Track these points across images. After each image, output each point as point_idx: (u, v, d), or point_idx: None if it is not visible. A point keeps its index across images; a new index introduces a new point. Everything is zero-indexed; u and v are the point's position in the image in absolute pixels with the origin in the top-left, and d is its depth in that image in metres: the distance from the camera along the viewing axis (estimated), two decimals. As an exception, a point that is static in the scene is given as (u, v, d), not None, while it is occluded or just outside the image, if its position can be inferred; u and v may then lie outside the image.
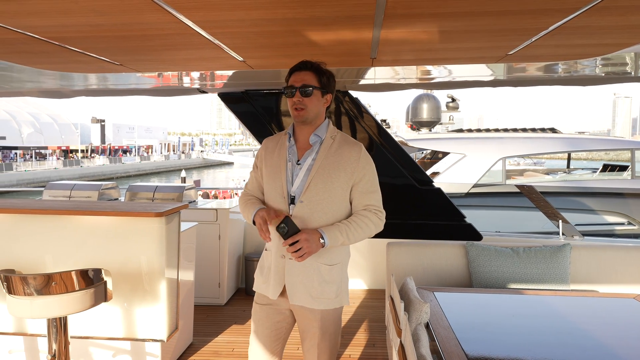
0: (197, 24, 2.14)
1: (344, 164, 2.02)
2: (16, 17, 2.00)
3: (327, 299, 2.03)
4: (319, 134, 2.07)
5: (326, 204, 1.99)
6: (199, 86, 4.57)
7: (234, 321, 4.23)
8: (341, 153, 2.04)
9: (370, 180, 2.07)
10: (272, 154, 2.10)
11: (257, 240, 5.33)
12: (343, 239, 1.96)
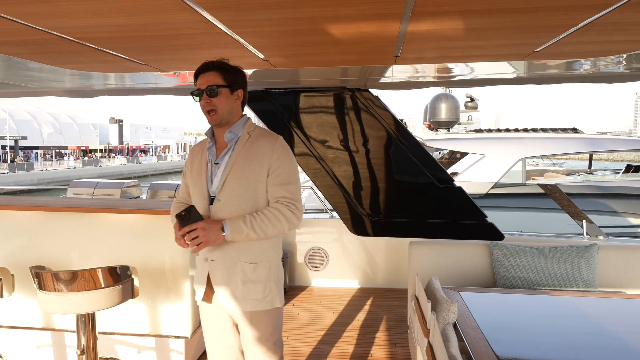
0: (224, 23, 2.15)
1: (258, 157, 1.97)
2: (49, 18, 2.04)
3: (254, 300, 1.95)
4: (234, 131, 2.03)
5: (243, 200, 1.95)
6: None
7: (255, 319, 4.26)
8: (255, 147, 1.99)
9: (284, 172, 1.98)
10: (195, 159, 2.11)
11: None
12: (247, 231, 1.88)
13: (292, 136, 4.78)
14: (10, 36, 2.34)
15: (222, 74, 1.99)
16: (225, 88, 1.99)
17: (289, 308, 4.56)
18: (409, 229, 4.89)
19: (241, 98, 2.07)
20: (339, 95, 4.64)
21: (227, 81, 2.00)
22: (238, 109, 2.07)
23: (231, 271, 1.95)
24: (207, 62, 2.02)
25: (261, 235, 1.90)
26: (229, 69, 2.02)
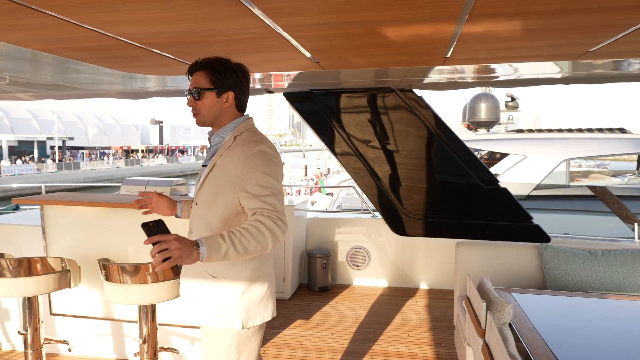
0: (283, 28, 2.23)
1: (230, 166, 1.79)
2: (121, 25, 2.17)
3: (209, 314, 1.79)
4: (220, 135, 1.92)
5: (212, 207, 1.80)
6: (266, 86, 4.71)
7: (300, 315, 4.34)
8: (232, 153, 1.81)
9: (258, 183, 1.73)
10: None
11: (319, 237, 5.43)
12: (227, 247, 1.59)
13: (335, 136, 4.84)
14: (82, 42, 2.50)
15: (210, 75, 1.85)
16: (210, 91, 1.85)
17: (332, 306, 4.62)
18: (452, 230, 4.86)
19: (231, 101, 1.89)
20: (383, 96, 4.66)
21: (214, 83, 1.85)
22: (228, 111, 1.90)
23: (194, 278, 1.84)
24: (197, 61, 1.89)
25: (242, 252, 1.61)
26: (219, 68, 1.85)
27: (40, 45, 2.52)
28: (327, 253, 5.12)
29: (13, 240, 3.57)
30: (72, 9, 1.86)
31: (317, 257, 5.04)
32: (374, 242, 5.34)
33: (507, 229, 4.69)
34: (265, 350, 3.62)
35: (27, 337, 2.75)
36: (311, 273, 5.10)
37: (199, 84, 1.87)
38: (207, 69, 1.87)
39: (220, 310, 1.78)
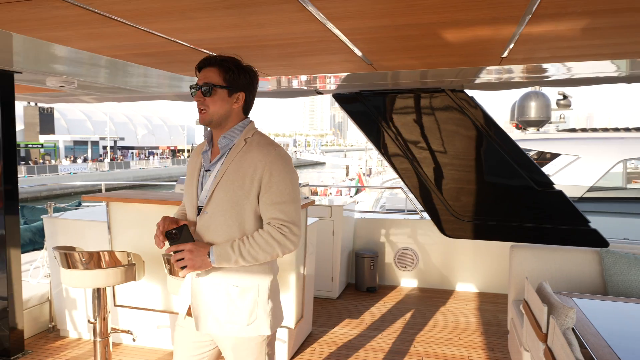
0: (342, 31, 2.28)
1: (249, 170, 1.71)
2: (187, 32, 2.28)
3: (237, 325, 1.74)
4: (229, 137, 1.78)
5: (229, 216, 1.72)
6: (316, 88, 4.78)
7: (348, 315, 4.38)
8: (249, 157, 1.72)
9: (278, 189, 1.70)
10: (193, 161, 1.89)
11: (366, 237, 5.45)
12: (236, 257, 1.66)
13: (383, 136, 4.85)
14: (149, 49, 2.64)
15: (223, 73, 1.73)
16: (222, 89, 1.73)
17: (380, 306, 4.63)
18: (502, 233, 4.77)
19: (241, 102, 1.78)
20: (433, 96, 4.63)
21: (227, 81, 1.73)
22: (236, 112, 1.79)
23: (217, 292, 1.75)
24: (210, 56, 1.78)
25: (251, 261, 1.68)
26: (233, 67, 1.75)
27: (111, 51, 2.68)
28: (374, 253, 5.13)
29: (79, 234, 3.79)
30: (148, 17, 1.98)
31: (364, 257, 5.06)
32: (422, 244, 5.31)
33: (562, 232, 4.55)
34: (316, 348, 3.68)
35: (96, 326, 2.92)
36: (359, 273, 5.13)
37: (210, 80, 1.72)
38: (221, 67, 1.74)
39: (249, 319, 1.74)
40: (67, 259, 2.78)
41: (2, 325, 3.49)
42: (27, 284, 3.91)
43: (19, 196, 3.61)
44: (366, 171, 31.77)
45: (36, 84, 3.91)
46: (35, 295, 3.90)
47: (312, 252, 3.90)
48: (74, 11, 1.88)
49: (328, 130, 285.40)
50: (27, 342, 3.71)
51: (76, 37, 2.32)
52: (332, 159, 65.07)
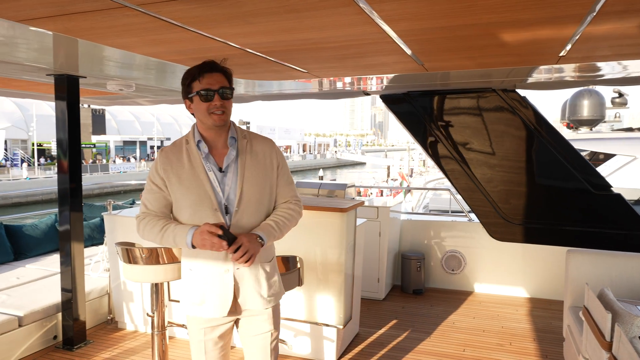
0: (397, 33, 2.28)
1: (266, 160, 1.94)
2: (245, 36, 2.34)
3: (276, 294, 2.00)
4: (234, 136, 1.92)
5: (259, 206, 1.91)
6: (364, 89, 4.78)
7: (395, 316, 4.36)
8: (258, 150, 1.95)
9: (287, 171, 2.03)
10: (180, 166, 1.87)
11: (412, 239, 5.40)
12: (276, 234, 1.91)
13: (431, 137, 4.79)
14: (207, 53, 2.72)
15: (228, 78, 1.87)
16: (233, 92, 1.89)
17: (428, 309, 4.59)
18: (556, 237, 4.61)
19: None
20: (483, 96, 4.54)
21: (231, 85, 1.89)
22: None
23: (257, 274, 1.91)
24: (215, 62, 1.85)
25: (283, 235, 1.95)
26: (230, 73, 1.90)
27: (172, 56, 2.79)
28: (421, 255, 5.08)
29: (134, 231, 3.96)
30: (211, 23, 2.06)
31: (411, 259, 5.02)
32: (470, 247, 5.21)
33: (620, 237, 4.36)
34: (362, 349, 3.69)
35: (154, 319, 3.04)
36: (405, 275, 5.09)
37: (225, 84, 1.83)
38: (224, 73, 1.86)
39: (280, 287, 2.03)
40: (128, 255, 2.92)
41: (66, 315, 3.69)
42: (88, 278, 4.11)
43: (82, 193, 3.81)
44: (408, 171, 31.41)
45: (98, 88, 4.11)
46: (95, 288, 4.10)
47: (360, 252, 3.91)
48: (142, 19, 1.98)
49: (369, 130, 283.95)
50: (88, 332, 3.90)
51: (141, 43, 2.43)
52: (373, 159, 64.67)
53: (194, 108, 1.88)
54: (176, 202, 1.89)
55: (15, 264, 4.73)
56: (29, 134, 38.02)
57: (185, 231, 1.80)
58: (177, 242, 1.82)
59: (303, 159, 65.16)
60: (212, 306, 1.89)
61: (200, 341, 1.96)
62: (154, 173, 1.90)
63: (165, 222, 1.87)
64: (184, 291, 1.96)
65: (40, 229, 5.17)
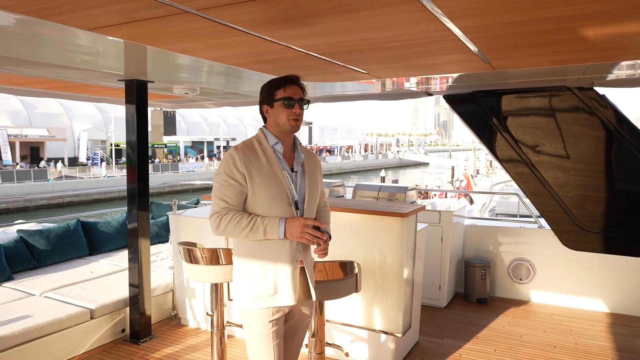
0: (462, 30, 2.16)
1: (318, 167, 2.24)
2: (304, 38, 2.31)
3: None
4: (297, 143, 2.20)
5: (316, 205, 2.19)
6: (427, 89, 4.63)
7: (457, 326, 4.18)
8: (313, 160, 2.24)
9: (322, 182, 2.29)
10: (259, 164, 2.02)
11: (477, 245, 5.17)
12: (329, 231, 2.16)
13: (497, 138, 4.56)
14: (267, 56, 2.73)
15: (304, 92, 2.11)
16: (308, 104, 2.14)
17: (492, 320, 4.36)
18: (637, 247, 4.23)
19: None
20: (556, 95, 4.24)
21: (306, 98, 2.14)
22: None
23: (311, 266, 2.17)
24: (297, 76, 2.11)
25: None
26: (305, 89, 2.15)
27: (233, 60, 2.82)
28: (486, 263, 4.84)
29: (199, 231, 4.07)
30: (269, 26, 2.04)
31: (475, 266, 4.80)
32: (541, 255, 4.89)
33: None
34: (423, 358, 3.56)
35: (214, 318, 3.10)
36: (468, 282, 4.88)
37: (302, 96, 2.09)
38: (303, 88, 2.10)
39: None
40: (189, 254, 2.99)
41: (133, 310, 3.86)
42: (153, 274, 4.28)
43: (149, 192, 3.97)
44: (473, 173, 30.33)
45: (165, 92, 4.27)
46: (160, 285, 4.26)
47: (420, 258, 3.78)
48: (203, 24, 2.00)
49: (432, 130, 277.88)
50: (153, 327, 4.06)
51: (203, 47, 2.47)
52: (436, 160, 63.14)
53: (272, 113, 2.09)
54: (253, 197, 2.01)
55: (90, 259, 5.03)
56: (107, 134, 40.68)
57: (277, 222, 1.97)
58: (267, 233, 1.97)
59: (365, 159, 64.85)
60: (285, 295, 2.03)
61: (267, 335, 2.03)
62: (233, 169, 2.00)
63: (249, 215, 2.00)
64: (251, 286, 2.04)
65: (112, 225, 5.47)
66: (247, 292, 2.05)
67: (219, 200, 2.00)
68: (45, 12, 1.83)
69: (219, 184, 2.01)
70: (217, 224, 1.98)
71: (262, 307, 2.02)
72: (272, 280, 2.02)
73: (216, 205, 2.01)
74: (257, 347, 2.06)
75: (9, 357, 3.11)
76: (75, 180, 29.21)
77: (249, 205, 2.03)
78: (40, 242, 4.72)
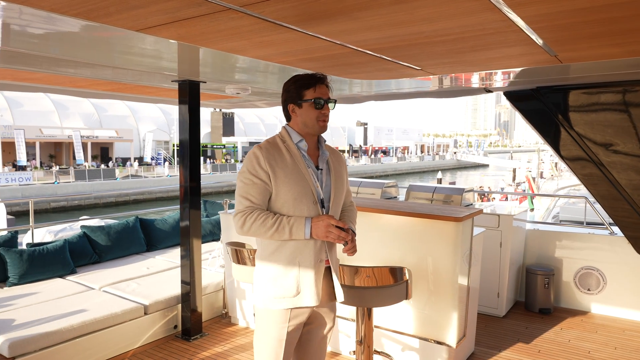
0: (525, 19, 1.98)
1: (343, 166, 2.19)
2: (352, 33, 2.22)
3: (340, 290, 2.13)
4: (321, 141, 2.14)
5: (342, 203, 2.15)
6: (485, 86, 4.39)
7: (517, 337, 3.92)
8: (337, 157, 2.20)
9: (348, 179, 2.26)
10: (283, 162, 1.98)
11: (539, 251, 4.85)
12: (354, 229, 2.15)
13: (564, 137, 4.24)
14: (315, 53, 2.66)
15: (331, 92, 2.09)
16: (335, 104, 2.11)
17: (557, 332, 4.06)
18: None
19: None
20: (633, 90, 3.88)
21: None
22: None
23: (336, 267, 2.11)
24: (323, 75, 2.07)
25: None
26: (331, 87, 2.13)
27: (281, 58, 2.77)
28: (550, 271, 4.52)
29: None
30: (314, 21, 1.97)
31: (537, 273, 4.50)
32: (612, 264, 4.51)
33: None
34: (478, 370, 3.37)
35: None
36: (530, 291, 4.58)
37: (329, 95, 2.07)
38: (329, 85, 2.09)
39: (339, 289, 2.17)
40: (237, 255, 2.98)
41: (185, 307, 3.92)
42: (205, 272, 4.34)
43: (201, 191, 4.02)
44: (537, 175, 28.88)
45: (217, 92, 4.32)
46: (212, 283, 4.31)
47: (477, 264, 3.58)
48: (247, 21, 1.96)
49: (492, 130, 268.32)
50: (204, 325, 4.11)
51: (250, 46, 2.44)
52: (497, 161, 60.85)
53: (300, 113, 2.04)
54: (277, 195, 1.97)
55: (147, 255, 5.19)
56: (170, 135, 42.45)
57: (303, 222, 1.92)
58: (292, 233, 1.91)
59: (421, 160, 63.61)
60: (308, 295, 1.97)
61: (280, 340, 1.98)
62: (257, 168, 1.96)
63: (274, 215, 1.94)
64: (272, 287, 1.99)
65: (169, 223, 5.62)
66: (268, 292, 2.00)
67: (243, 199, 1.97)
68: (94, 13, 1.85)
69: (242, 183, 1.99)
70: (241, 223, 1.94)
71: (283, 307, 1.98)
72: (294, 280, 1.97)
73: (240, 204, 1.98)
74: (265, 350, 2.01)
75: (67, 349, 3.25)
76: (140, 179, 30.67)
77: (273, 204, 1.99)
78: (101, 237, 4.93)
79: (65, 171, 29.68)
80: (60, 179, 27.58)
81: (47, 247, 4.40)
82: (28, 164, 30.54)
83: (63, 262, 4.43)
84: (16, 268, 4.13)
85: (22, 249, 4.29)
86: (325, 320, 2.15)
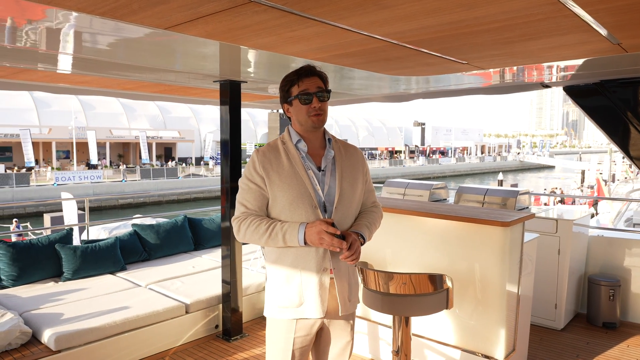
0: (577, 2, 1.77)
1: (358, 165, 2.02)
2: (385, 24, 2.08)
3: (356, 299, 2.03)
4: (329, 138, 2.00)
5: (353, 206, 1.96)
6: (542, 80, 4.08)
7: (577, 353, 3.60)
8: (350, 155, 2.03)
9: (370, 178, 2.10)
10: (279, 165, 1.88)
11: (603, 260, 4.45)
12: (371, 235, 1.96)
13: (634, 136, 3.86)
14: (349, 48, 2.55)
15: (323, 81, 1.94)
16: (329, 94, 1.96)
17: (622, 350, 3.68)
18: None
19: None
20: None
21: (327, 88, 1.96)
22: None
23: (346, 276, 1.94)
24: (311, 66, 1.94)
25: (370, 239, 1.97)
26: (325, 76, 1.97)
27: (314, 54, 2.68)
28: (616, 281, 4.13)
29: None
30: (341, 12, 1.86)
31: (601, 284, 4.12)
32: (690, 276, 4.05)
33: None
34: (530, 388, 3.11)
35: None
36: (592, 303, 4.20)
37: (322, 86, 1.92)
38: (321, 77, 1.94)
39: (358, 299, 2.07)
40: (272, 256, 2.91)
41: (225, 307, 3.93)
42: (247, 273, 4.34)
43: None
44: (609, 177, 27.01)
45: (259, 92, 4.30)
46: (253, 284, 4.30)
47: (529, 272, 3.32)
48: (271, 14, 1.88)
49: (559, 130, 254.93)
50: (244, 325, 4.10)
51: (280, 42, 2.36)
52: (564, 162, 57.74)
53: (292, 111, 1.94)
54: (274, 200, 1.88)
55: (194, 254, 5.28)
56: (229, 136, 43.67)
57: (296, 228, 1.79)
58: (286, 240, 1.80)
59: (481, 161, 61.42)
60: (311, 306, 1.87)
61: (287, 350, 1.90)
62: (252, 172, 1.91)
63: (269, 220, 1.85)
64: (276, 296, 1.92)
65: (216, 223, 5.70)
66: (274, 301, 1.93)
67: (240, 205, 1.92)
68: (119, 11, 1.84)
69: (240, 188, 1.94)
70: (236, 230, 1.89)
71: (287, 318, 1.89)
72: (297, 290, 1.87)
73: (237, 210, 1.93)
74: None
75: (110, 345, 3.33)
76: (200, 178, 31.74)
77: (271, 209, 1.90)
78: (151, 235, 5.07)
79: (132, 170, 31.36)
80: (127, 177, 29.14)
81: (100, 244, 4.57)
82: (99, 163, 32.50)
83: (114, 259, 4.59)
84: (70, 264, 4.31)
85: (76, 245, 4.48)
86: (341, 334, 1.99)
